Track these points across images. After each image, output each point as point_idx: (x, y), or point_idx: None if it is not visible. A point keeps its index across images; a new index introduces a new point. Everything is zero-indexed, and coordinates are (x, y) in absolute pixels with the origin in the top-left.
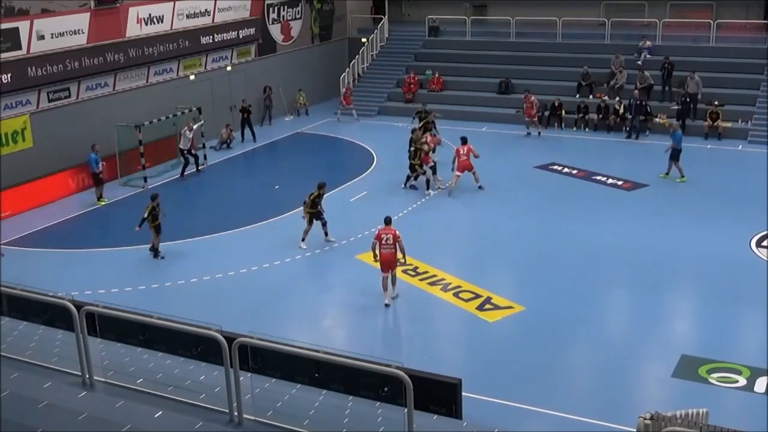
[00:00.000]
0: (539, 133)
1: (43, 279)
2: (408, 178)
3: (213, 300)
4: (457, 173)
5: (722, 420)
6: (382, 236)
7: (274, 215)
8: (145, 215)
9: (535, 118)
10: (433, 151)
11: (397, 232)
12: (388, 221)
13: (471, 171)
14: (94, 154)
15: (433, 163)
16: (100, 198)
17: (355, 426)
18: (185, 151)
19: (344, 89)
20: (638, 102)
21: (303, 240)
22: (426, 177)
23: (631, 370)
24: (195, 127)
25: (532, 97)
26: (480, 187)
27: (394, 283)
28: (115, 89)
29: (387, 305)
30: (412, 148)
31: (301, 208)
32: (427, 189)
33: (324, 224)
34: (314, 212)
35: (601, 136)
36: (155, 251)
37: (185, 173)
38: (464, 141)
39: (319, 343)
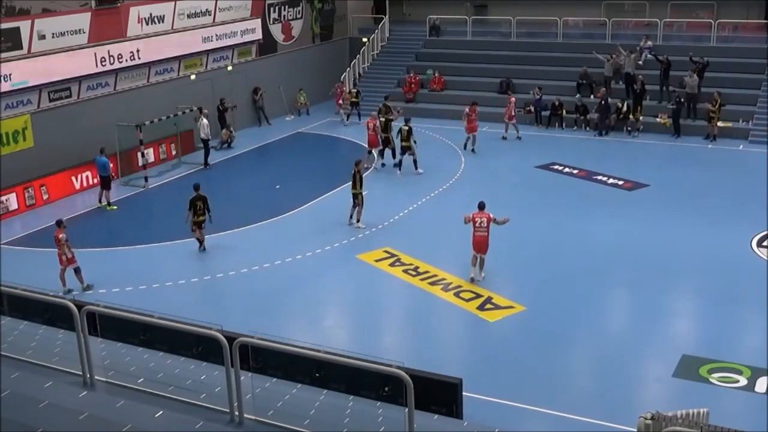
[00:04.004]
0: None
1: (45, 279)
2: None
3: (213, 300)
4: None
5: (723, 420)
6: (476, 220)
7: (274, 215)
8: None
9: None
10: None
11: (491, 215)
12: (482, 206)
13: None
14: (104, 158)
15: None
16: (109, 204)
17: (355, 426)
18: (207, 141)
19: (336, 90)
20: (602, 102)
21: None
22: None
23: (631, 369)
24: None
25: (513, 98)
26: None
27: (482, 267)
28: (115, 89)
29: (472, 279)
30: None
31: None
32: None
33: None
34: (358, 192)
35: (601, 136)
36: None
37: (209, 162)
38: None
39: (320, 342)
